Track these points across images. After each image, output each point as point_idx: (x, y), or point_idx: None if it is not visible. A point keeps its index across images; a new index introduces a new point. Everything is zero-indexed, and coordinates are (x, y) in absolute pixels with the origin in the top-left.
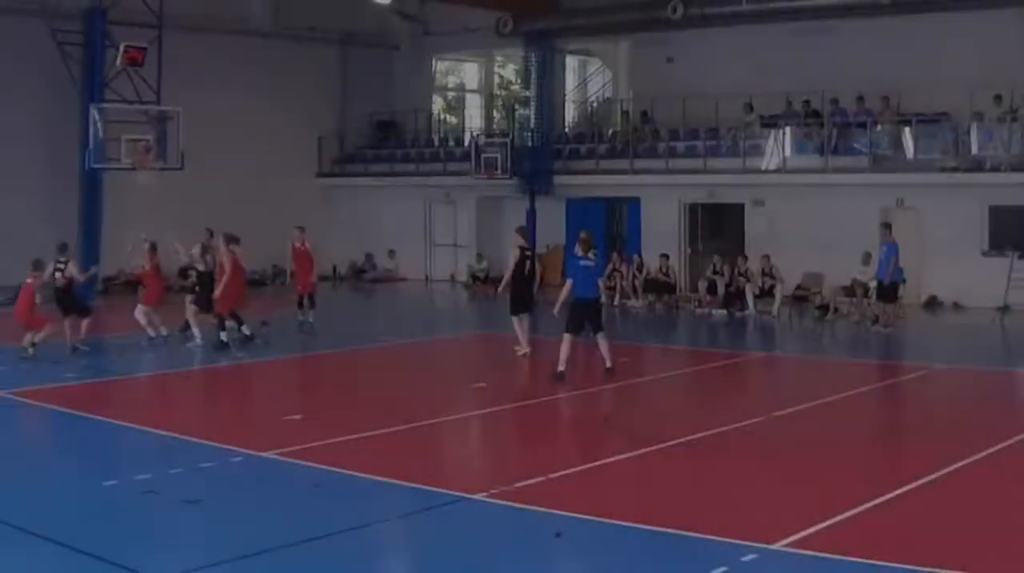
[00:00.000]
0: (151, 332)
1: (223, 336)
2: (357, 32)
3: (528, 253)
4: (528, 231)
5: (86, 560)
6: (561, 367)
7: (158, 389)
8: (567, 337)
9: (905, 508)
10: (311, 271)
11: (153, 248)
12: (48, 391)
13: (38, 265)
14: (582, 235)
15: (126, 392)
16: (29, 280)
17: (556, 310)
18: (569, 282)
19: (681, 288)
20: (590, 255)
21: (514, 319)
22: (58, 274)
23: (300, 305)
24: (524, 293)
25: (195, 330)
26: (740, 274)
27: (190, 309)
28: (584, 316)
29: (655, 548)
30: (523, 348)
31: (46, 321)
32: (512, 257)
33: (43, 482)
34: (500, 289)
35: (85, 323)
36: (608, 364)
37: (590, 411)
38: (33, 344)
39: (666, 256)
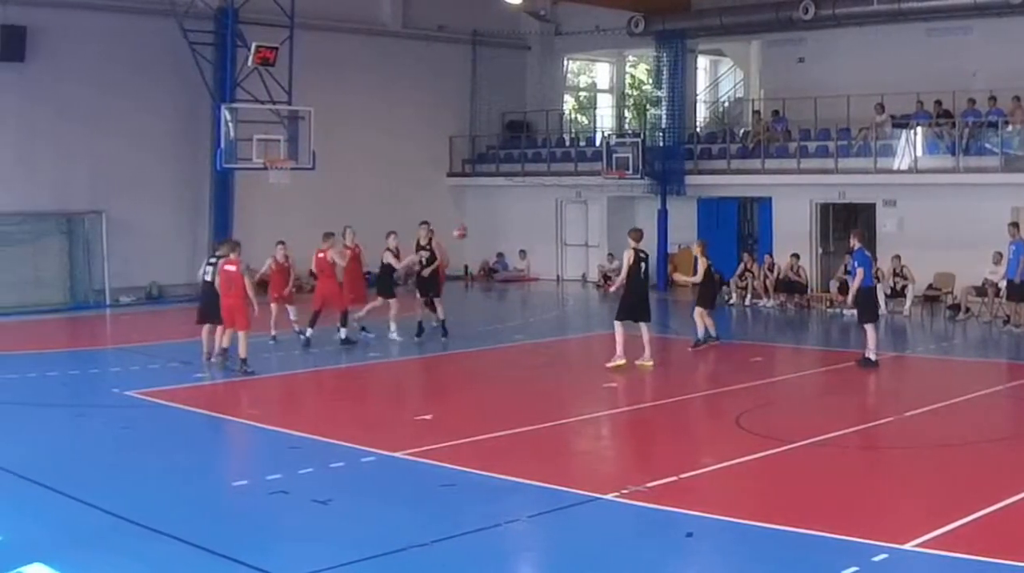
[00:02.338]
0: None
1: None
2: (487, 32)
3: (643, 255)
4: (642, 231)
5: (216, 560)
6: (873, 355)
7: (289, 389)
8: (871, 326)
9: None
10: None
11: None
12: (179, 391)
13: (237, 245)
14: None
15: (257, 392)
16: (231, 267)
17: (851, 300)
18: (862, 271)
19: (812, 288)
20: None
21: (617, 325)
22: (209, 269)
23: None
24: (635, 299)
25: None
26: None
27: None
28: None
29: (786, 548)
30: (617, 359)
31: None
32: (625, 257)
33: (174, 482)
34: (612, 290)
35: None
36: (872, 356)
37: (721, 411)
38: (224, 349)
39: (796, 256)
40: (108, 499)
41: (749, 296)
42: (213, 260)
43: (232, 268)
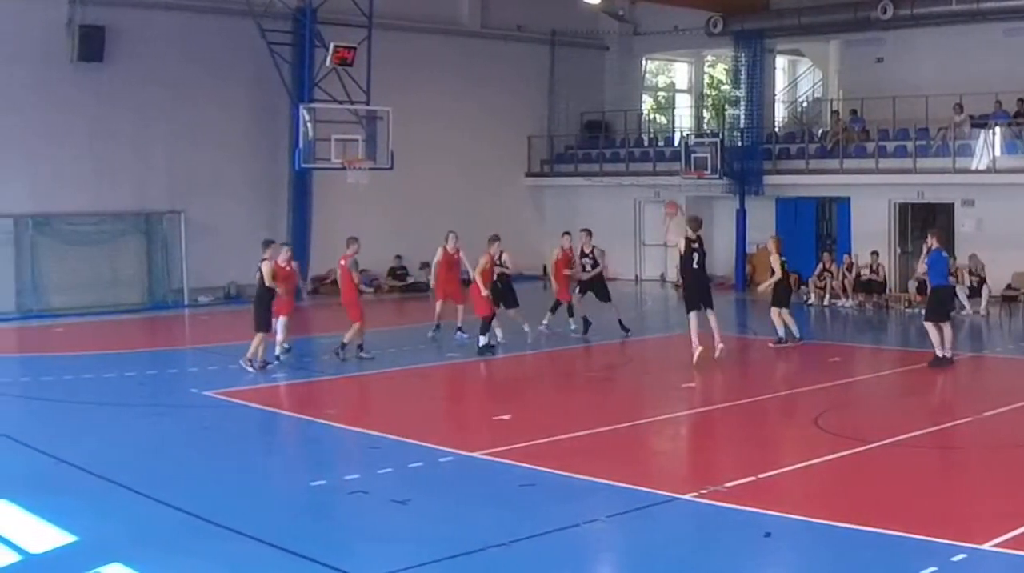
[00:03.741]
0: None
1: (482, 339)
2: (566, 32)
3: (695, 245)
4: (699, 220)
5: (295, 560)
6: (940, 353)
7: (367, 389)
8: (933, 325)
9: None
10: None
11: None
12: (257, 391)
13: (352, 242)
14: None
15: (335, 392)
16: (342, 262)
17: (919, 269)
18: (922, 267)
19: (891, 288)
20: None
21: (689, 316)
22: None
23: (570, 313)
24: (694, 287)
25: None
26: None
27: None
28: (950, 302)
29: (864, 548)
30: (696, 350)
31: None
32: (678, 249)
33: (252, 482)
34: (677, 283)
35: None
36: (948, 353)
37: (799, 411)
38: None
39: (876, 253)
40: (186, 499)
41: (828, 296)
42: (260, 264)
43: (343, 263)
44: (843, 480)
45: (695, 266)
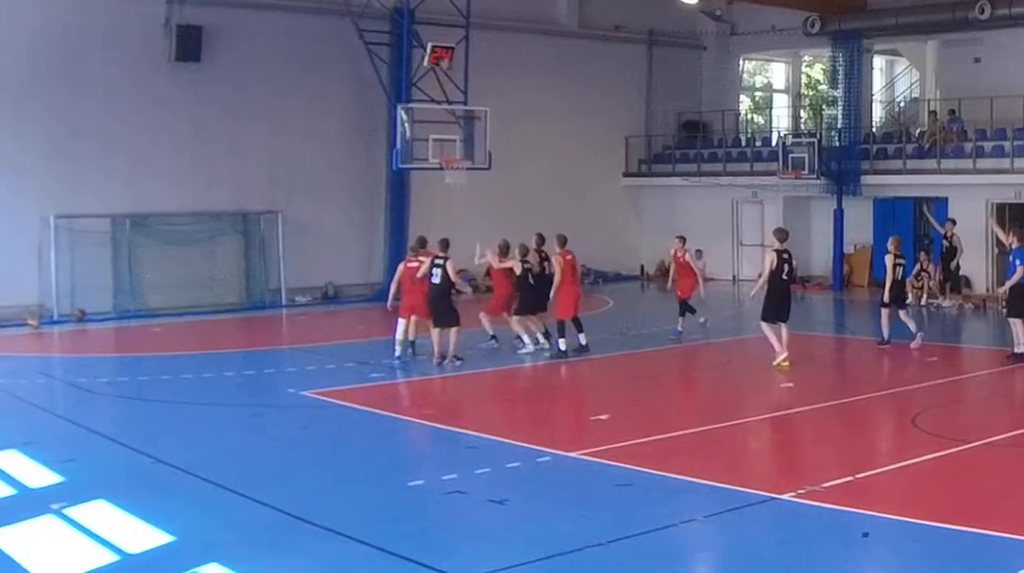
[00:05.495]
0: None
1: (561, 344)
2: (663, 32)
3: (785, 256)
4: (786, 232)
5: (393, 560)
6: (1020, 349)
7: (464, 390)
8: (1020, 321)
9: None
10: (691, 279)
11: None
12: (355, 392)
13: (423, 243)
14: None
15: (433, 392)
16: (413, 265)
17: (1003, 292)
18: (1022, 269)
19: (988, 288)
20: None
21: (764, 325)
22: (436, 270)
23: (682, 313)
24: (778, 299)
25: (524, 337)
26: None
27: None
28: None
29: (962, 547)
30: (780, 355)
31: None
32: (768, 260)
33: (350, 482)
34: (753, 292)
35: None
36: (1020, 349)
37: (897, 411)
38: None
39: (953, 221)
40: (284, 499)
41: (925, 296)
42: (439, 261)
43: (414, 265)
44: (941, 480)
45: (784, 277)
